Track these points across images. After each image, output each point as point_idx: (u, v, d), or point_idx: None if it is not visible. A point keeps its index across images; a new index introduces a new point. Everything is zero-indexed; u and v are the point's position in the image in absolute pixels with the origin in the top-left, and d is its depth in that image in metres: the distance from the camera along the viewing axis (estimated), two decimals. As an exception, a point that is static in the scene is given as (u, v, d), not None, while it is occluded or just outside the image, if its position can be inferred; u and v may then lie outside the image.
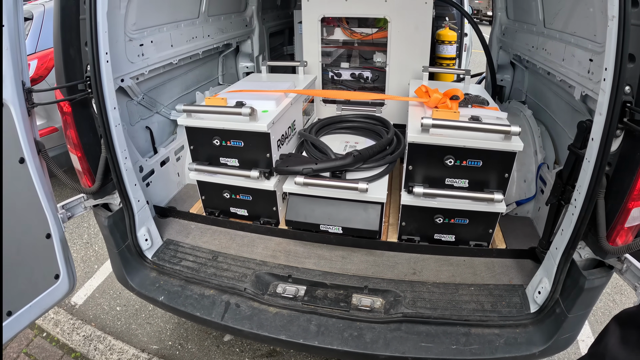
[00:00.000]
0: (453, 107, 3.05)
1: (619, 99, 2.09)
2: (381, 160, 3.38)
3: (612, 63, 2.08)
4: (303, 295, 2.91)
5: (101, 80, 2.69)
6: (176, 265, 3.15)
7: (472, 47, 9.43)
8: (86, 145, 2.88)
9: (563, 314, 2.54)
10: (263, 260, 3.17)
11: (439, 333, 2.69)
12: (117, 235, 3.08)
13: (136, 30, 3.41)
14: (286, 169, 3.20)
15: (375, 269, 3.09)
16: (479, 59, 12.54)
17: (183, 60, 4.14)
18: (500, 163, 2.91)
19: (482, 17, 27.64)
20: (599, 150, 2.21)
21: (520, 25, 4.32)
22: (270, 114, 3.31)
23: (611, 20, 2.05)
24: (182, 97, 4.39)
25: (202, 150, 3.41)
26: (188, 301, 2.95)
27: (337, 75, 5.02)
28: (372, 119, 4.10)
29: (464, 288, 2.92)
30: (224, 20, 4.85)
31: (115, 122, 2.83)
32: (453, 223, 3.19)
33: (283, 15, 6.51)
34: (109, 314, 4.27)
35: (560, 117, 3.69)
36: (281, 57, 6.80)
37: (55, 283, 2.66)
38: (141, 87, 3.62)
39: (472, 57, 10.07)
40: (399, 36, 4.45)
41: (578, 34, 3.04)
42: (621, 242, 2.39)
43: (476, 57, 12.00)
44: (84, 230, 5.61)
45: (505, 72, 4.92)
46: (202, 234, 3.46)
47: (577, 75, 2.98)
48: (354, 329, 2.72)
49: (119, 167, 2.92)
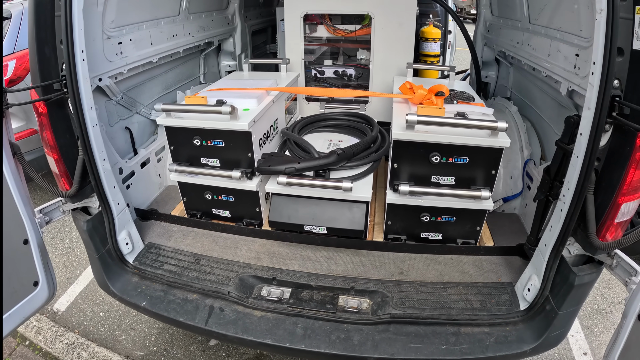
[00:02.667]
0: (438, 104, 3.01)
1: (608, 93, 2.07)
2: (365, 159, 3.33)
3: (600, 57, 2.05)
4: (288, 297, 2.85)
5: (77, 80, 2.61)
6: (158, 270, 3.07)
7: (457, 44, 9.45)
8: (63, 147, 2.79)
9: (553, 311, 2.52)
10: (247, 263, 3.11)
11: (428, 333, 2.65)
12: (96, 240, 3.00)
13: (114, 28, 3.31)
14: (268, 169, 3.13)
15: (361, 269, 3.04)
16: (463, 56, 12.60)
17: (163, 59, 4.06)
18: (487, 160, 2.88)
19: (466, 15, 27.86)
20: (587, 146, 2.18)
21: (504, 21, 4.31)
22: (252, 112, 3.24)
23: (599, 13, 2.02)
24: (162, 97, 4.29)
25: (182, 150, 3.33)
26: (171, 306, 2.88)
27: (320, 73, 4.96)
28: (356, 116, 4.05)
29: (452, 287, 2.89)
30: (205, 18, 4.76)
31: (93, 122, 2.75)
32: (440, 221, 3.15)
33: (266, 12, 6.44)
34: (92, 320, 4.18)
35: (546, 112, 3.68)
36: (264, 55, 6.72)
37: (34, 290, 2.59)
38: (120, 86, 3.53)
39: (456, 54, 10.10)
40: (383, 33, 4.41)
41: (564, 29, 3.02)
42: (611, 238, 2.37)
43: (460, 55, 12.05)
44: (65, 234, 5.49)
45: (490, 69, 4.91)
46: (184, 237, 3.38)
47: (563, 70, 2.95)
48: (341, 331, 2.67)
49: (97, 169, 2.84)
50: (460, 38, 5.48)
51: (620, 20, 1.99)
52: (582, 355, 3.86)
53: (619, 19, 1.98)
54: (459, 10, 27.77)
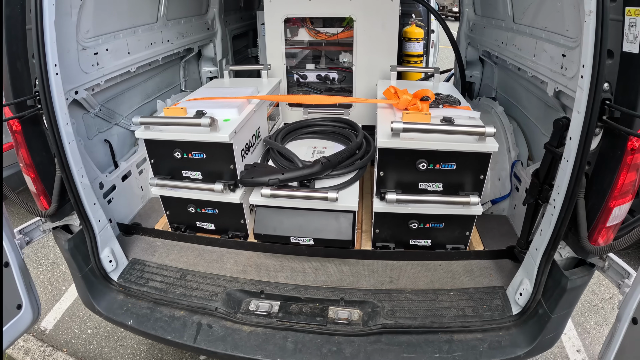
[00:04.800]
0: (424, 109, 2.96)
1: (598, 97, 2.04)
2: (351, 166, 3.27)
3: (590, 59, 2.02)
4: (277, 311, 2.80)
5: (51, 95, 2.53)
6: (143, 287, 3.00)
7: (440, 43, 9.44)
8: (40, 165, 2.71)
9: (546, 315, 2.51)
10: (233, 277, 3.05)
11: (421, 342, 2.63)
12: (79, 259, 2.92)
13: (90, 38, 3.21)
14: (251, 181, 3.07)
15: (350, 279, 3.00)
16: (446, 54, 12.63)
17: (142, 68, 3.96)
18: (475, 165, 2.84)
19: (448, 13, 28.00)
20: (578, 150, 2.16)
21: (488, 21, 4.29)
22: (232, 122, 3.17)
23: (588, 15, 1.98)
24: (142, 107, 4.20)
25: (163, 163, 3.25)
26: (158, 324, 2.82)
27: (302, 78, 4.89)
28: (339, 122, 3.98)
29: (443, 294, 2.86)
30: (184, 24, 4.67)
31: (69, 138, 2.66)
32: (428, 228, 3.11)
33: (246, 16, 6.36)
34: (80, 338, 4.08)
35: (532, 112, 3.66)
36: (246, 59, 6.65)
37: (18, 313, 2.51)
38: (97, 98, 3.43)
39: (440, 53, 10.10)
40: (365, 35, 4.35)
41: (549, 29, 3.00)
42: (602, 241, 2.35)
43: (443, 53, 12.07)
44: (49, 249, 5.36)
45: (474, 69, 4.89)
46: (169, 251, 3.31)
47: (550, 71, 2.93)
48: (333, 343, 2.63)
49: (76, 187, 2.75)
50: (444, 36, 5.44)
51: (609, 22, 1.95)
52: (576, 352, 3.87)
53: (608, 20, 1.94)
54: (441, 8, 27.93)
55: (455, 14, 27.05)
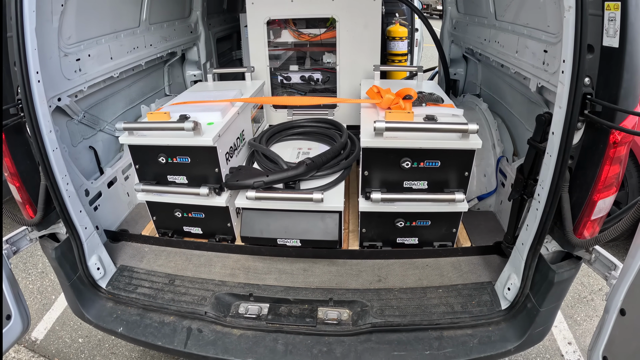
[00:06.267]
0: (407, 108, 2.97)
1: (579, 92, 2.06)
2: (336, 167, 3.28)
3: (570, 55, 2.04)
4: (266, 313, 2.79)
5: (33, 102, 2.50)
6: (132, 293, 2.98)
7: (424, 41, 9.47)
8: (24, 174, 2.68)
9: (535, 309, 2.52)
10: (222, 280, 3.04)
11: (411, 340, 2.63)
12: (66, 267, 2.89)
13: (72, 45, 3.19)
14: (236, 184, 3.05)
15: (339, 279, 3.00)
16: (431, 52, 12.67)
17: (125, 73, 3.93)
18: (459, 162, 2.85)
19: (432, 11, 28.08)
20: (560, 144, 2.17)
21: (471, 18, 4.31)
22: (216, 126, 3.16)
23: (567, 10, 2.00)
24: (127, 112, 4.17)
25: (147, 168, 3.23)
26: (148, 330, 2.80)
27: (286, 79, 4.88)
28: (324, 122, 3.99)
29: (432, 291, 2.87)
30: (167, 27, 4.65)
31: (53, 146, 2.64)
32: (415, 226, 3.12)
33: (230, 19, 6.33)
34: (71, 347, 4.05)
35: (516, 108, 3.68)
36: (230, 62, 6.63)
37: (7, 324, 2.48)
38: (81, 104, 3.40)
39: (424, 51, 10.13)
40: (348, 35, 4.36)
41: (531, 25, 3.02)
42: (588, 234, 2.37)
43: (428, 52, 12.12)
44: (38, 258, 5.30)
45: (458, 66, 4.92)
46: (157, 257, 3.29)
47: (532, 67, 2.95)
48: (323, 344, 2.63)
49: (61, 195, 2.73)
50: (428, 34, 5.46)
51: (589, 17, 1.97)
52: (567, 344, 3.90)
53: (588, 16, 1.96)
54: (425, 7, 28.01)
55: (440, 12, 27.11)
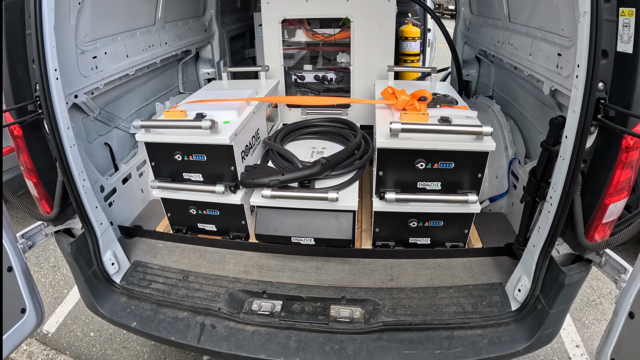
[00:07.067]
0: (422, 109, 2.99)
1: (593, 96, 2.07)
2: (350, 166, 3.29)
3: (584, 59, 2.05)
4: (279, 310, 2.82)
5: (52, 99, 2.53)
6: (146, 289, 3.01)
7: (436, 41, 9.46)
8: (41, 170, 2.72)
9: (545, 310, 2.53)
10: (235, 277, 3.06)
11: (422, 339, 2.65)
12: (81, 262, 2.93)
13: (88, 42, 3.21)
14: (252, 182, 3.08)
15: (351, 277, 3.02)
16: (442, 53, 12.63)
17: (140, 71, 3.97)
18: (473, 163, 2.86)
19: (444, 11, 27.99)
20: (573, 148, 2.18)
21: (484, 20, 4.31)
22: (232, 124, 3.18)
23: (583, 16, 2.01)
24: (141, 109, 4.21)
25: (163, 166, 3.26)
26: (162, 325, 2.83)
27: (300, 78, 4.90)
28: (338, 122, 4.00)
29: (443, 291, 2.89)
30: (181, 26, 4.68)
31: (70, 142, 2.67)
32: (428, 226, 3.14)
33: (243, 17, 6.36)
34: (82, 341, 4.10)
35: (529, 111, 3.68)
36: (243, 60, 6.65)
37: (22, 318, 2.52)
38: (97, 101, 3.43)
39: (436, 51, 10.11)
40: (363, 36, 4.36)
41: (545, 28, 3.02)
42: (599, 238, 2.38)
43: (439, 52, 12.07)
44: (50, 252, 5.37)
45: (471, 67, 4.91)
46: (171, 253, 3.32)
47: (546, 70, 2.95)
48: (335, 341, 2.66)
49: (78, 191, 2.76)
50: (440, 34, 5.46)
51: (604, 22, 1.98)
52: (575, 347, 3.90)
53: (603, 21, 1.97)
54: (437, 7, 27.90)
55: (452, 12, 27.02)
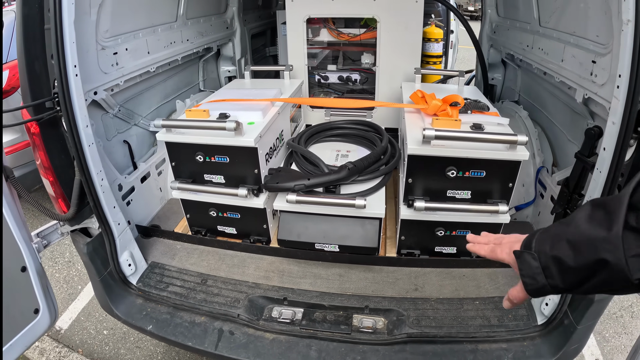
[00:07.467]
0: (454, 115, 2.90)
1: (635, 108, 2.00)
2: (376, 172, 3.21)
3: (627, 69, 1.97)
4: (300, 318, 2.75)
5: (70, 97, 2.45)
6: (163, 292, 2.95)
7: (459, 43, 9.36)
8: (58, 168, 2.65)
9: (572, 326, 2.45)
10: (256, 282, 2.99)
11: (446, 352, 2.57)
12: (97, 262, 2.87)
13: (109, 38, 3.15)
14: (277, 186, 3.00)
15: (375, 286, 2.94)
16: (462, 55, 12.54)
17: (161, 68, 3.90)
18: (505, 173, 2.77)
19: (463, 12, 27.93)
20: (612, 161, 2.10)
21: (512, 23, 4.20)
22: (257, 126, 3.10)
23: (626, 24, 1.92)
24: (161, 106, 4.15)
25: (184, 167, 3.19)
26: (178, 330, 2.77)
27: (324, 79, 4.82)
28: (363, 125, 3.92)
29: (468, 303, 2.81)
30: (203, 23, 4.61)
31: (89, 141, 2.60)
32: (455, 235, 3.05)
33: (265, 15, 6.28)
34: (95, 339, 4.06)
35: (558, 118, 3.58)
36: (263, 58, 6.58)
37: (35, 318, 2.46)
38: (116, 98, 3.37)
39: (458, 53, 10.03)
40: (389, 37, 4.28)
41: (578, 34, 2.91)
42: (632, 254, 2.28)
43: (461, 54, 11.98)
44: (65, 247, 5.34)
45: (496, 71, 4.80)
46: (189, 255, 3.26)
47: (579, 77, 2.84)
48: (357, 352, 2.58)
49: (95, 190, 2.69)
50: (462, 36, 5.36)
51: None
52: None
53: None
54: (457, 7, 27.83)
55: (471, 13, 26.99)
